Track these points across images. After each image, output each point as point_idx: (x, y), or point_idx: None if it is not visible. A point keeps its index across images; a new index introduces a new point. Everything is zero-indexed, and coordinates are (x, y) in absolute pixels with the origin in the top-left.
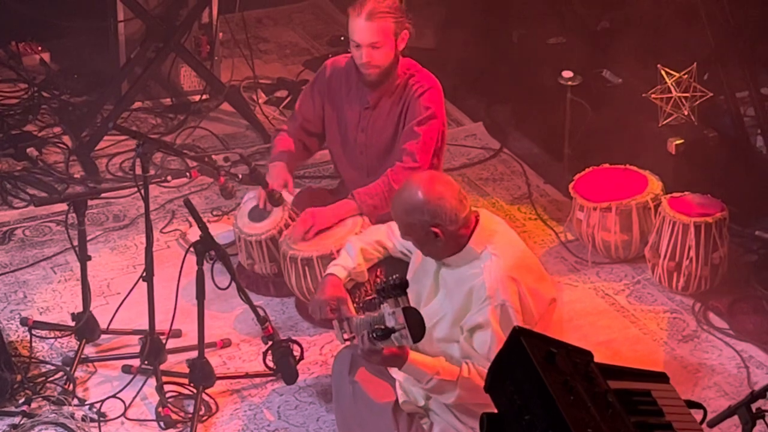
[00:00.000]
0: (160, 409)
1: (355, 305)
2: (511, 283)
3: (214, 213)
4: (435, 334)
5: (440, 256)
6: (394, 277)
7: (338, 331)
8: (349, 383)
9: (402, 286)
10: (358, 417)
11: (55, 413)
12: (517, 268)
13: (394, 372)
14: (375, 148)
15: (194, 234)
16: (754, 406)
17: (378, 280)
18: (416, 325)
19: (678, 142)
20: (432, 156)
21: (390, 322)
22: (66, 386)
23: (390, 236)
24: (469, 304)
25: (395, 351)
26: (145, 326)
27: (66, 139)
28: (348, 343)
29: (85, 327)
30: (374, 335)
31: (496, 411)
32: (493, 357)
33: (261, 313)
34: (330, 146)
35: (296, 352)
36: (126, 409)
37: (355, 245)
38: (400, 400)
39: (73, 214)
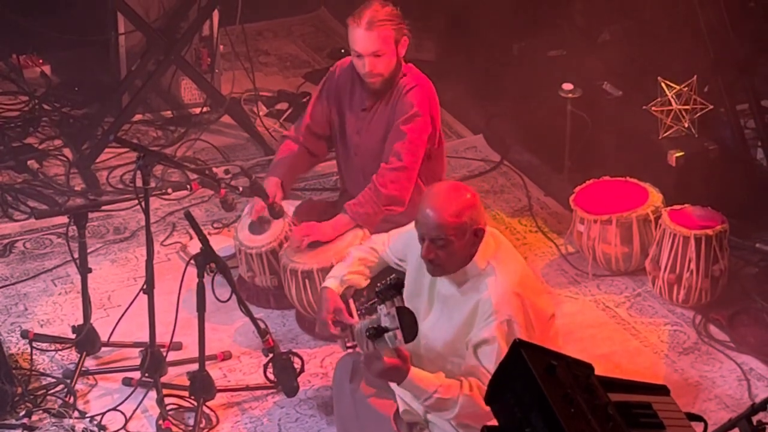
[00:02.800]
0: (160, 421)
1: (358, 312)
2: (516, 298)
3: (215, 225)
4: (432, 350)
5: (455, 267)
6: (390, 277)
7: (341, 340)
8: (350, 391)
9: (396, 286)
10: (358, 425)
11: (56, 426)
12: (521, 284)
13: (394, 387)
14: (369, 149)
15: (195, 246)
16: (754, 419)
17: (378, 284)
18: (408, 325)
19: (678, 154)
20: (423, 157)
21: (384, 322)
22: (67, 399)
23: (385, 244)
24: (473, 320)
25: (397, 363)
26: (146, 339)
27: (66, 151)
28: (350, 350)
29: (85, 339)
30: (368, 333)
31: (496, 424)
32: None
33: (261, 325)
34: (335, 149)
35: (297, 365)
36: (126, 421)
37: (354, 254)
38: (401, 410)
39: (74, 227)
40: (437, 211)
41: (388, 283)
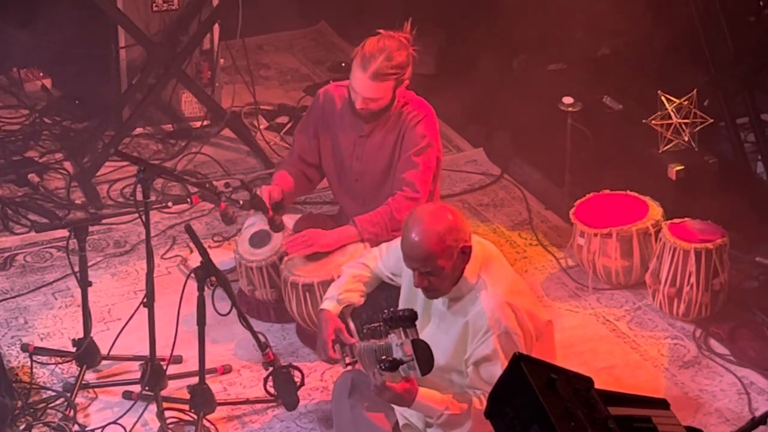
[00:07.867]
0: None
1: (358, 331)
2: (509, 309)
3: (215, 239)
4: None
5: (449, 287)
6: (402, 309)
7: (341, 356)
8: (349, 407)
9: (411, 318)
10: None
11: None
12: (513, 294)
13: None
14: (370, 175)
15: (195, 260)
16: None
17: (385, 311)
18: (425, 358)
19: (678, 168)
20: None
21: (398, 354)
22: (67, 412)
23: (377, 259)
24: (467, 335)
25: (406, 386)
26: (146, 352)
27: (67, 165)
28: (350, 367)
29: (85, 353)
30: (382, 366)
31: None
32: None
33: (262, 338)
34: (326, 174)
35: (297, 378)
36: None
37: (348, 272)
38: (400, 424)
39: (74, 240)
40: (421, 241)
41: (399, 315)
